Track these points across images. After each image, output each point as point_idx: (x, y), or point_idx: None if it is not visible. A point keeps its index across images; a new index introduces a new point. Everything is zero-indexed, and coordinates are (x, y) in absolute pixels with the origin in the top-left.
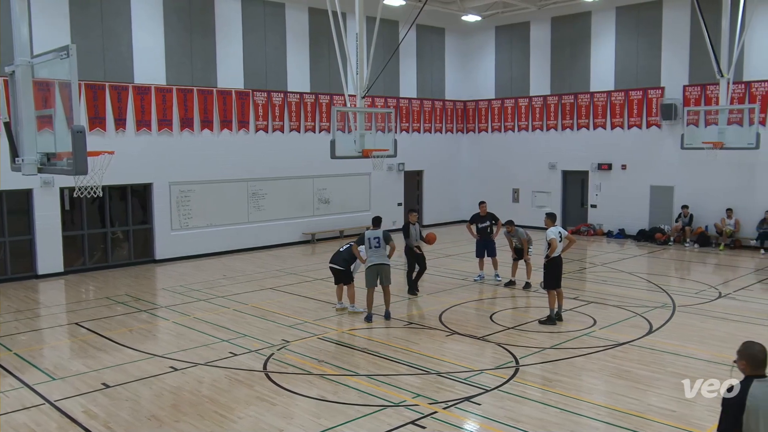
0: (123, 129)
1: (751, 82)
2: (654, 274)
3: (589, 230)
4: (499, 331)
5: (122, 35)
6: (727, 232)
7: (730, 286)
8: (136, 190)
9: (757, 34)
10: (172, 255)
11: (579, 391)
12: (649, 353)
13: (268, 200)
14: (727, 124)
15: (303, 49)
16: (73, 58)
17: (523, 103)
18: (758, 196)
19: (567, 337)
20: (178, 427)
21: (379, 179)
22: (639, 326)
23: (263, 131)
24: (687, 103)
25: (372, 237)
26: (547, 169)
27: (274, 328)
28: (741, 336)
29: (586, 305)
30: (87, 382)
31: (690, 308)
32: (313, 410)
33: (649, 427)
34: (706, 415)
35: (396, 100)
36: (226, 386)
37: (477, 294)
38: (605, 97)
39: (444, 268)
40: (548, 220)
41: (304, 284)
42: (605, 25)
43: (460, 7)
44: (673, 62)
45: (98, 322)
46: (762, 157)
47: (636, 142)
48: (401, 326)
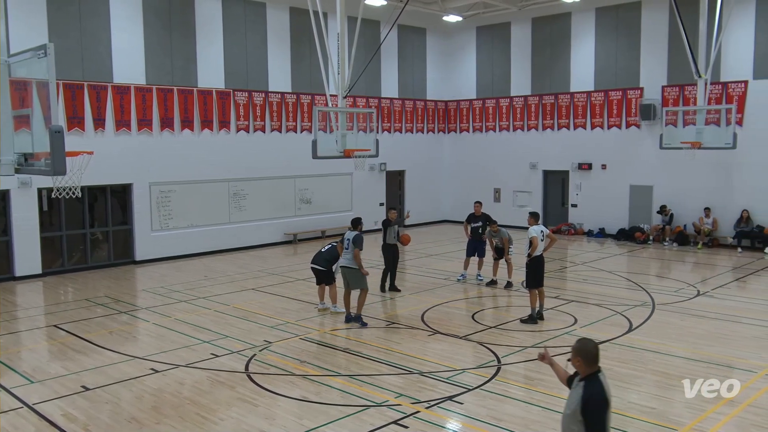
0: (102, 129)
1: (728, 83)
2: (634, 272)
3: (569, 229)
4: (481, 330)
5: (101, 34)
6: (705, 231)
7: (708, 284)
8: (116, 191)
9: (733, 35)
10: (153, 256)
11: (561, 390)
12: (629, 351)
13: (250, 200)
14: (705, 124)
15: (284, 48)
16: (50, 57)
17: (504, 104)
18: (735, 195)
19: (548, 335)
20: (159, 429)
21: (361, 179)
22: (619, 324)
23: (244, 131)
24: (665, 104)
25: (345, 238)
26: (528, 168)
27: (255, 329)
28: (719, 333)
29: (567, 304)
30: (66, 384)
31: (669, 306)
32: (295, 411)
33: (630, 425)
34: (686, 412)
35: (377, 100)
36: (207, 388)
37: (459, 293)
38: (585, 97)
39: (426, 267)
40: (531, 218)
41: (285, 285)
42: (585, 26)
43: (441, 7)
44: (652, 63)
45: (77, 324)
46: (739, 157)
47: (616, 142)
48: (383, 326)
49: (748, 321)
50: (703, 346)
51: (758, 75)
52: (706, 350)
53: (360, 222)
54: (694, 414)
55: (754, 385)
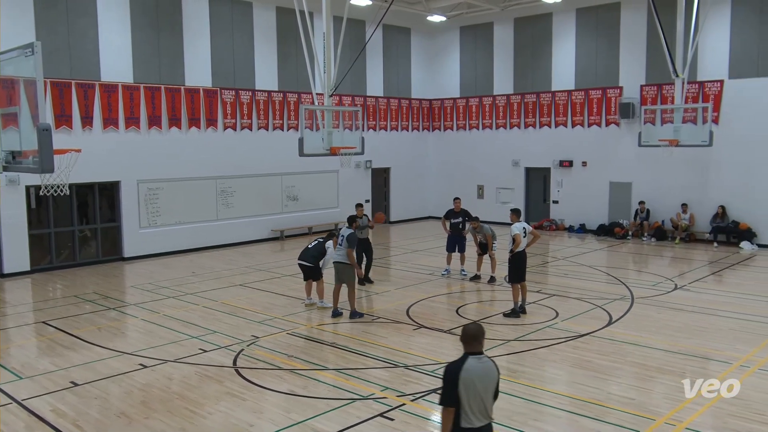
0: (90, 127)
1: (705, 82)
2: (613, 267)
3: (551, 225)
4: (465, 324)
5: (88, 33)
6: (682, 226)
7: (685, 278)
8: (104, 188)
9: (709, 36)
10: (141, 253)
11: (542, 382)
12: (609, 344)
13: (237, 198)
14: (682, 122)
15: (271, 47)
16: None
17: (487, 102)
18: (711, 191)
19: (531, 329)
20: (148, 424)
21: (347, 176)
22: (599, 318)
23: (231, 129)
24: (644, 102)
25: (340, 234)
26: (511, 166)
27: (243, 325)
28: (696, 326)
29: (549, 298)
30: (55, 380)
31: (647, 300)
32: (283, 405)
33: (610, 415)
34: (664, 403)
35: (363, 99)
36: (196, 382)
37: (443, 288)
38: (566, 96)
39: (411, 263)
40: (513, 215)
41: (273, 280)
42: (566, 27)
43: (425, 7)
44: (631, 63)
45: (66, 320)
46: (715, 154)
47: (596, 140)
48: (369, 321)
49: (723, 314)
50: (681, 338)
51: (733, 75)
52: (684, 342)
53: (356, 219)
54: (672, 405)
55: (730, 376)
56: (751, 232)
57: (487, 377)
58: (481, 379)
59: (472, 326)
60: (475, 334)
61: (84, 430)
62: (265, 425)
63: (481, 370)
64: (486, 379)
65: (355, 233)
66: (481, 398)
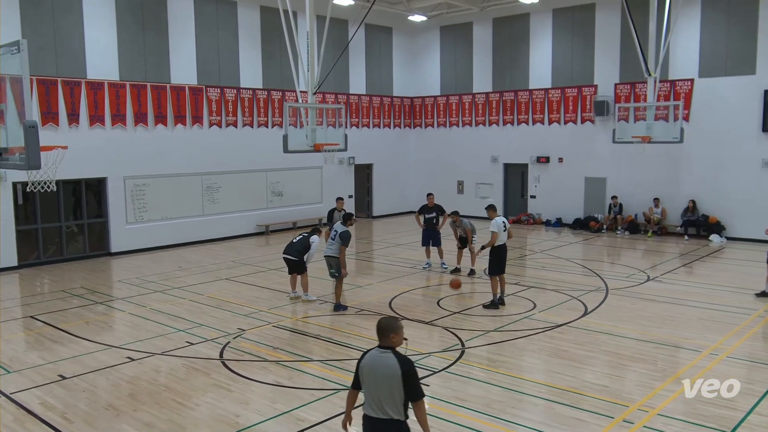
0: (76, 124)
1: (676, 81)
2: (588, 259)
3: (528, 219)
4: (445, 315)
5: (74, 31)
6: (654, 220)
7: (657, 270)
8: (91, 185)
9: (681, 36)
10: (128, 248)
11: (521, 371)
12: (585, 333)
13: (223, 193)
14: (654, 119)
15: (255, 46)
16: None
17: (466, 100)
18: (682, 186)
19: (509, 320)
20: (136, 415)
21: (331, 172)
22: (575, 309)
23: (217, 126)
24: (618, 100)
25: (333, 229)
26: (490, 162)
27: (229, 318)
28: (667, 316)
29: (527, 290)
30: (43, 374)
31: (621, 291)
32: (269, 395)
33: (585, 402)
34: (636, 390)
35: (346, 96)
36: (183, 375)
37: (424, 281)
38: (543, 94)
39: (393, 256)
40: (491, 211)
41: (258, 274)
42: (543, 27)
43: (406, 7)
44: (605, 62)
45: (54, 314)
46: (686, 150)
47: (571, 137)
48: (353, 313)
49: (693, 304)
50: (653, 327)
51: (703, 74)
52: (655, 332)
53: (351, 217)
54: (644, 391)
55: (699, 364)
56: (720, 226)
57: (380, 372)
58: (375, 372)
59: (382, 320)
60: (382, 328)
61: (72, 422)
62: (251, 415)
63: (377, 363)
64: (379, 374)
65: (349, 231)
66: (375, 390)
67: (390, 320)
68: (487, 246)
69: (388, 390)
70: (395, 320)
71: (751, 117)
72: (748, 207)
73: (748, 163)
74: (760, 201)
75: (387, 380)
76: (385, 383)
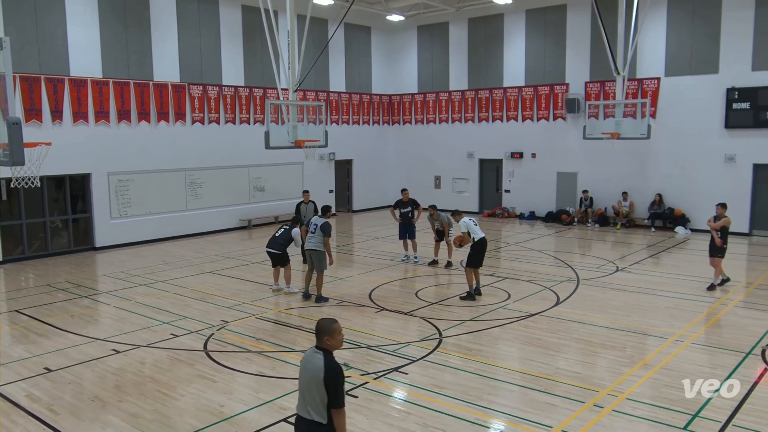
0: (60, 121)
1: (643, 79)
2: (560, 251)
3: (503, 213)
4: (423, 306)
5: (57, 29)
6: (623, 213)
7: (626, 261)
8: (75, 180)
9: (648, 36)
10: (112, 242)
11: (496, 359)
12: (557, 322)
13: (206, 189)
14: (623, 117)
15: (237, 44)
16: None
17: (443, 97)
18: (649, 180)
19: (485, 309)
20: (122, 406)
21: (312, 168)
22: (548, 298)
23: (200, 123)
24: (588, 98)
25: (312, 223)
26: (466, 157)
27: (213, 310)
28: (635, 304)
29: (502, 281)
30: (29, 367)
31: (591, 281)
32: (252, 385)
33: (558, 388)
34: (606, 376)
35: (326, 94)
36: (167, 366)
37: (403, 273)
38: (517, 92)
39: (373, 249)
40: (456, 215)
41: (241, 267)
42: (516, 27)
43: (384, 7)
44: (576, 61)
45: (39, 308)
46: (653, 146)
47: (544, 133)
48: (334, 304)
49: (660, 293)
50: (621, 316)
51: (669, 72)
52: (624, 320)
53: (329, 209)
54: (614, 377)
55: (666, 350)
56: (685, 218)
57: (308, 372)
58: (303, 371)
59: (320, 321)
60: (318, 330)
61: (58, 414)
62: (235, 405)
63: (308, 363)
64: (307, 373)
65: (329, 222)
66: (302, 389)
67: (327, 322)
68: (463, 242)
69: (312, 391)
70: (332, 323)
71: (714, 114)
72: (712, 200)
73: (712, 158)
74: (722, 194)
75: (312, 381)
76: (310, 384)
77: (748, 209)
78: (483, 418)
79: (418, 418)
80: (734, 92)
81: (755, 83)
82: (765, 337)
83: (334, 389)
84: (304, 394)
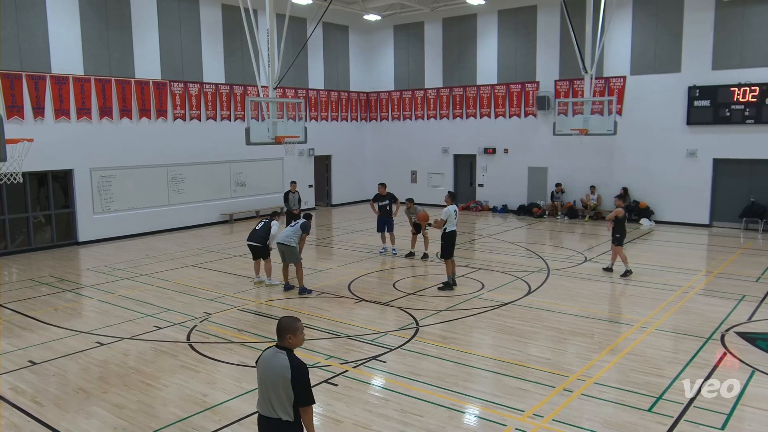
0: (42, 117)
1: (610, 78)
2: (532, 243)
3: (477, 206)
4: (401, 296)
5: (37, 26)
6: (591, 205)
7: (593, 252)
8: (57, 176)
9: (614, 36)
10: (95, 237)
11: (470, 346)
12: (528, 311)
13: (188, 184)
14: (591, 113)
15: (217, 42)
16: None
17: (419, 95)
18: (616, 174)
19: (460, 299)
20: (106, 397)
21: (292, 163)
22: (520, 288)
23: (181, 119)
24: (558, 96)
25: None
26: (441, 153)
27: (196, 302)
28: (602, 293)
29: (476, 271)
30: (13, 360)
31: (561, 271)
32: (234, 375)
33: (530, 374)
34: (576, 361)
35: (305, 91)
36: (151, 357)
37: (381, 265)
38: (489, 89)
39: (351, 242)
40: (449, 198)
41: (223, 261)
42: (489, 26)
43: (362, 7)
44: (546, 60)
45: (23, 302)
46: (619, 141)
47: (516, 129)
48: (314, 296)
49: (626, 282)
50: (590, 304)
51: (634, 71)
52: (592, 308)
53: (311, 217)
54: (583, 362)
55: (632, 336)
56: (650, 210)
57: (271, 372)
58: (267, 372)
59: (282, 320)
60: (280, 329)
61: (43, 405)
62: (218, 394)
63: (268, 362)
64: (268, 372)
65: (309, 223)
66: (265, 389)
67: (289, 321)
68: (435, 226)
69: (277, 391)
70: (294, 321)
71: (677, 111)
72: (674, 193)
73: (674, 153)
74: (684, 187)
75: (277, 381)
76: (275, 384)
77: (708, 202)
78: (458, 404)
79: (396, 404)
80: (695, 90)
81: (715, 82)
82: (724, 322)
83: (303, 388)
84: (268, 393)
